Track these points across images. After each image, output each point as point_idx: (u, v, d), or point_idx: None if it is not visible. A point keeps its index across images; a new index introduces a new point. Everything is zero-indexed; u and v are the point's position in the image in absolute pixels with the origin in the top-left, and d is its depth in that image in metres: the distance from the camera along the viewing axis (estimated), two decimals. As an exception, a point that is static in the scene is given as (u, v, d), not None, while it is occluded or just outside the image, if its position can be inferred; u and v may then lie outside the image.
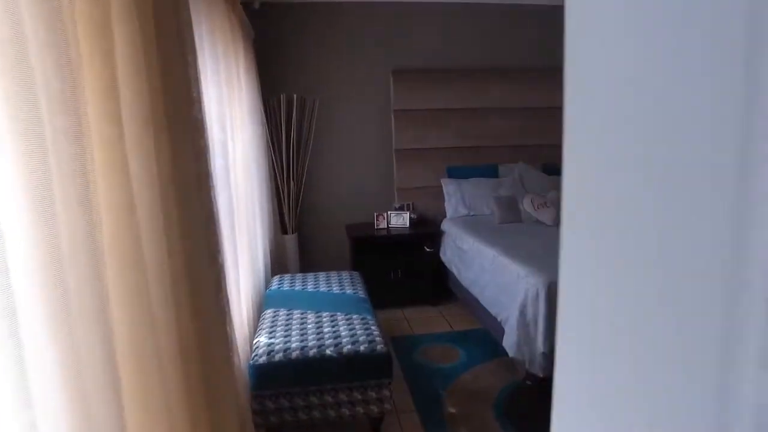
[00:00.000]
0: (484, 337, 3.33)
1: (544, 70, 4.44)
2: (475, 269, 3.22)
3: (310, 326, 2.43)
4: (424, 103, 4.22)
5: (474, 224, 3.78)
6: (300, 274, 3.33)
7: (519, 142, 4.45)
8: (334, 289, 3.00)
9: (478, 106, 4.33)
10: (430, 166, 4.28)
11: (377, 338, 2.30)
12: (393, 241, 3.97)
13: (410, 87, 4.15)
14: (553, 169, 4.40)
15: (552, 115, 4.46)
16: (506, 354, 2.70)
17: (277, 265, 3.76)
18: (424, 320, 3.72)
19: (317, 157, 4.21)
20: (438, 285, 4.01)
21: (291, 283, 3.14)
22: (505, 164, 4.36)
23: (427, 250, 3.92)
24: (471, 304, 3.45)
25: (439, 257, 3.99)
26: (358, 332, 2.34)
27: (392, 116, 4.24)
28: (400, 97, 4.17)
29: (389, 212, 4.05)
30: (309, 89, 4.11)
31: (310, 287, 3.05)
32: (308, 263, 4.31)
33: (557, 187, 4.07)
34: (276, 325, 2.45)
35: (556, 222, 3.69)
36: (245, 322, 2.39)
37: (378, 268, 3.87)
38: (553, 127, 4.47)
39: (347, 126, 4.24)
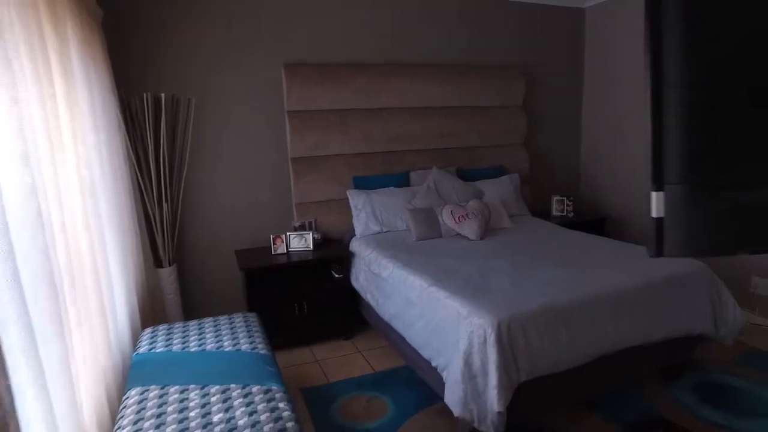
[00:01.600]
0: (411, 378, 2.84)
1: (457, 66, 4.07)
2: (398, 301, 2.72)
3: (194, 414, 1.75)
4: (323, 103, 3.63)
5: (389, 243, 3.27)
6: (180, 324, 2.58)
7: (431, 145, 4.03)
8: (226, 344, 2.32)
9: (385, 106, 3.84)
10: (333, 177, 3.70)
11: (289, 424, 1.69)
12: (295, 267, 3.34)
13: (307, 84, 3.54)
14: (469, 174, 4.05)
15: (466, 115, 4.11)
16: (441, 399, 2.24)
17: (150, 311, 2.96)
18: (339, 361, 3.15)
19: (197, 171, 3.44)
20: (350, 313, 3.46)
21: (168, 339, 2.39)
22: (417, 171, 3.92)
23: (336, 276, 3.34)
24: (391, 337, 2.95)
25: (350, 283, 3.44)
26: (263, 417, 1.71)
27: (286, 119, 3.60)
28: (294, 97, 3.54)
29: (288, 234, 3.41)
30: (183, 86, 3.33)
31: (193, 344, 2.33)
32: (192, 302, 3.53)
33: (477, 195, 3.71)
34: (143, 419, 1.73)
35: (480, 235, 3.31)
36: (91, 424, 1.65)
37: (279, 302, 3.22)
38: (467, 128, 4.12)
39: (233, 131, 3.52)
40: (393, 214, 3.56)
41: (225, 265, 3.58)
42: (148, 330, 2.51)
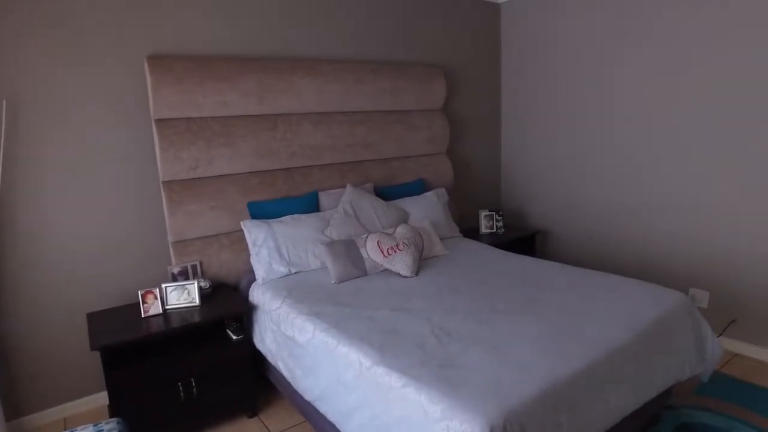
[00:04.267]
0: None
1: (369, 63, 3.42)
2: (326, 379, 1.98)
3: None
4: (204, 109, 2.77)
5: (302, 290, 2.52)
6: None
7: (340, 158, 3.33)
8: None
9: (282, 111, 3.07)
10: (222, 204, 2.85)
11: None
12: (175, 333, 2.43)
13: (180, 83, 2.66)
14: (388, 192, 3.42)
15: (380, 121, 3.48)
16: None
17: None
18: (244, 456, 2.34)
19: (19, 205, 2.42)
20: (255, 380, 2.64)
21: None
22: (327, 191, 3.20)
23: (234, 338, 2.52)
24: (313, 416, 2.21)
25: (252, 344, 2.64)
26: None
27: (154, 130, 2.70)
28: (164, 100, 2.64)
29: (164, 286, 2.51)
30: (-13, 87, 2.31)
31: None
32: (22, 398, 2.49)
33: (403, 218, 3.10)
34: None
35: (416, 270, 2.69)
36: None
37: (155, 383, 2.31)
38: (382, 136, 3.49)
39: (74, 148, 2.54)
40: (303, 250, 2.81)
41: (73, 337, 2.59)
42: None
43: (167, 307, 2.50)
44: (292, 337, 2.23)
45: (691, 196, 3.21)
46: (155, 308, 2.46)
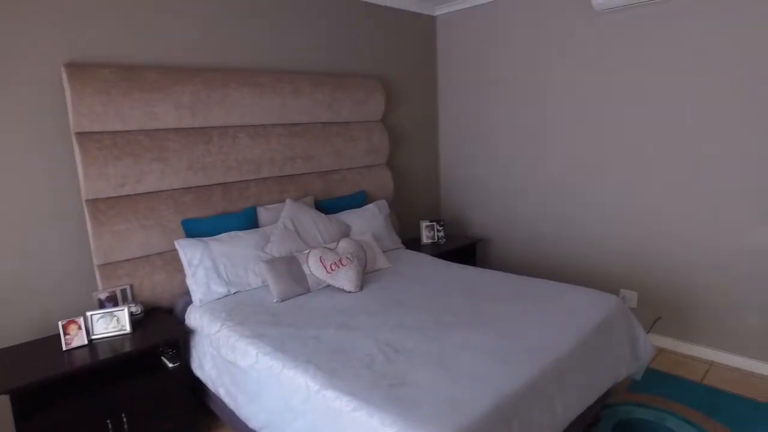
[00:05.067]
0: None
1: (306, 74, 3.35)
2: (271, 405, 1.90)
3: None
4: (131, 122, 2.60)
5: (243, 311, 2.41)
6: None
7: (278, 172, 3.24)
8: None
9: (217, 124, 2.95)
10: (154, 222, 2.68)
11: None
12: (103, 366, 2.23)
13: (105, 94, 2.47)
14: (328, 205, 3.36)
15: (318, 133, 3.42)
16: None
17: None
18: (183, 492, 2.19)
19: None
20: (194, 409, 2.49)
21: None
22: (266, 206, 3.10)
23: (170, 366, 2.36)
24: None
25: (191, 371, 2.49)
26: None
27: (75, 144, 2.49)
28: (86, 112, 2.44)
29: (90, 314, 2.32)
30: None
31: None
32: None
33: (344, 232, 3.05)
34: None
35: (360, 285, 2.65)
36: None
37: (80, 423, 2.11)
38: (321, 148, 3.43)
39: (-20, 167, 2.30)
40: (243, 268, 2.69)
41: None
42: None
43: (93, 337, 2.30)
44: (233, 362, 2.12)
45: (620, 203, 3.39)
46: (79, 339, 2.26)
